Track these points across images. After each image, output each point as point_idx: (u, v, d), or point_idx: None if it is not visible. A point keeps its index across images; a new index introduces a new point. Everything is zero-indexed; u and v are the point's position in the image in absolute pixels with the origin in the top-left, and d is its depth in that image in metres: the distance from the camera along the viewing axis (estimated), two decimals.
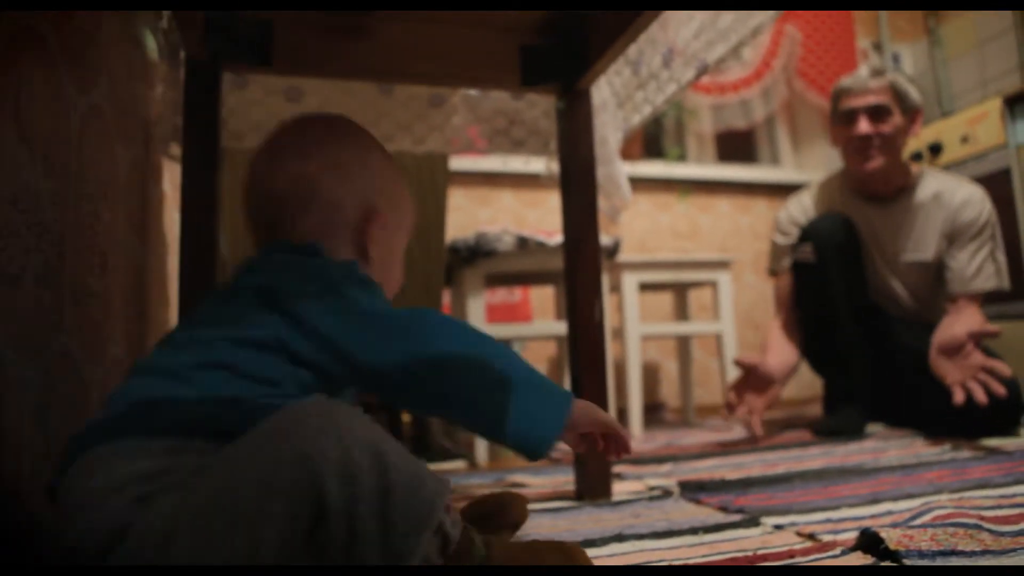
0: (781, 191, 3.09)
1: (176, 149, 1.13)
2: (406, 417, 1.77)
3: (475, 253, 1.72)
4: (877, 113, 1.73)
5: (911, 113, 1.76)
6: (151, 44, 1.03)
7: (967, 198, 1.73)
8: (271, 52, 1.00)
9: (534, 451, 0.56)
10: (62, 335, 0.65)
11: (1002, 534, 0.69)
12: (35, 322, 0.59)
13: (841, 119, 1.79)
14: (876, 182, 1.79)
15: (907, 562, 0.63)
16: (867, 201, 1.82)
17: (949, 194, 1.75)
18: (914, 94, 1.76)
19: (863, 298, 1.83)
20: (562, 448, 0.85)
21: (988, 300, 1.78)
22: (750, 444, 1.64)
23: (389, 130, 1.21)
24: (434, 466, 1.63)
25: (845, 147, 1.80)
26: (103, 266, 0.77)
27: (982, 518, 0.73)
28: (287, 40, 1.00)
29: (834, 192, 1.89)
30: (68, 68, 0.67)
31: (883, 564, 0.64)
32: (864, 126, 1.73)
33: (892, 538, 0.66)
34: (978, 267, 1.70)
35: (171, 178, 1.20)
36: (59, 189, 0.64)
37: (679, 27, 1.13)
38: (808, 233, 1.83)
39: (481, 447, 1.67)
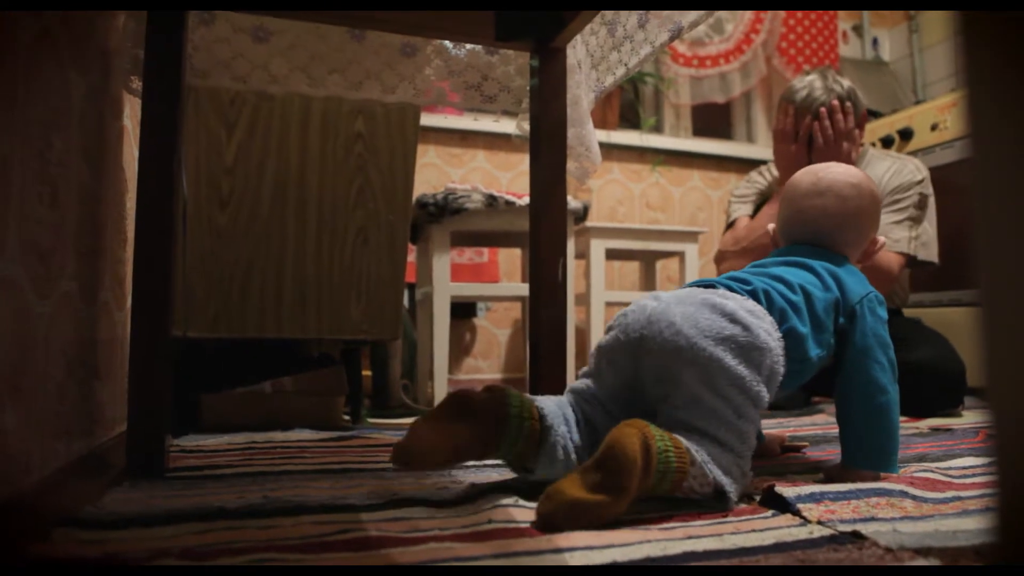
0: (753, 167, 3.11)
1: (138, 83, 1.09)
2: (367, 372, 1.77)
3: (443, 210, 1.71)
4: None
5: (860, 121, 1.69)
6: None
7: (898, 169, 1.72)
8: None
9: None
10: (5, 261, 0.63)
11: (925, 500, 0.72)
12: None
13: (792, 136, 1.68)
14: None
15: (830, 527, 0.65)
16: None
17: (883, 168, 1.74)
18: (862, 101, 1.70)
19: None
20: None
21: (936, 287, 1.69)
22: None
23: (358, 77, 1.18)
24: (394, 420, 1.63)
25: (795, 162, 1.64)
26: (53, 196, 0.75)
27: (911, 482, 0.76)
28: None
29: None
30: None
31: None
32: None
33: (815, 513, 0.69)
34: (886, 231, 1.63)
35: (132, 113, 1.16)
36: (3, 111, 0.62)
37: None
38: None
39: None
